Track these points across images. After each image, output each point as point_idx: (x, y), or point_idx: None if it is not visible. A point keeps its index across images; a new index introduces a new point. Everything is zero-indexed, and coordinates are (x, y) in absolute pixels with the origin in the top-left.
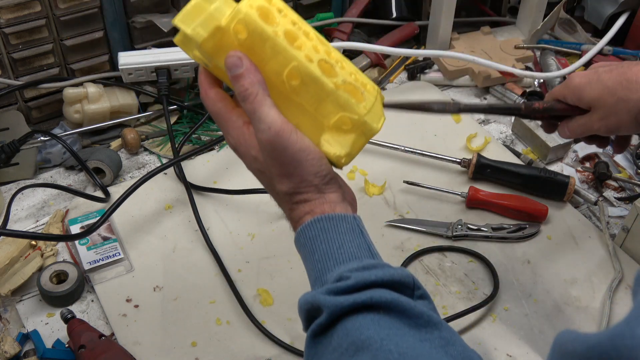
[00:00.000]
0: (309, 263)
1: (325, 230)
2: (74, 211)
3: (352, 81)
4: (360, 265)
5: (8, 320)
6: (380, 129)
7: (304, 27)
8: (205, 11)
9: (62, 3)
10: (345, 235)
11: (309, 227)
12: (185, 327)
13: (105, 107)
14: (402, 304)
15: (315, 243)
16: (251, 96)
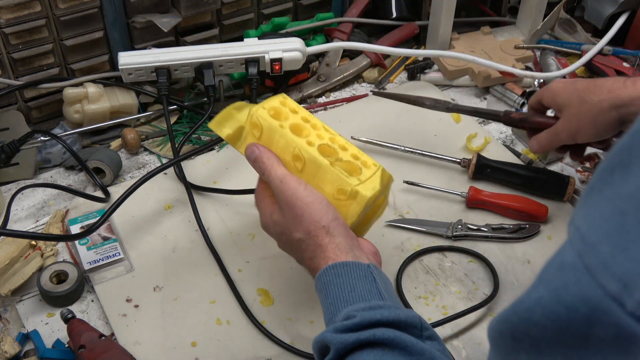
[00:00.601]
0: (324, 306)
1: (339, 275)
2: (74, 211)
3: (350, 159)
4: (367, 306)
5: (8, 320)
6: (370, 196)
7: (313, 121)
8: (233, 117)
9: (62, 3)
10: (357, 280)
11: (325, 273)
12: (185, 327)
13: (105, 107)
14: (404, 341)
15: (329, 287)
16: (267, 167)
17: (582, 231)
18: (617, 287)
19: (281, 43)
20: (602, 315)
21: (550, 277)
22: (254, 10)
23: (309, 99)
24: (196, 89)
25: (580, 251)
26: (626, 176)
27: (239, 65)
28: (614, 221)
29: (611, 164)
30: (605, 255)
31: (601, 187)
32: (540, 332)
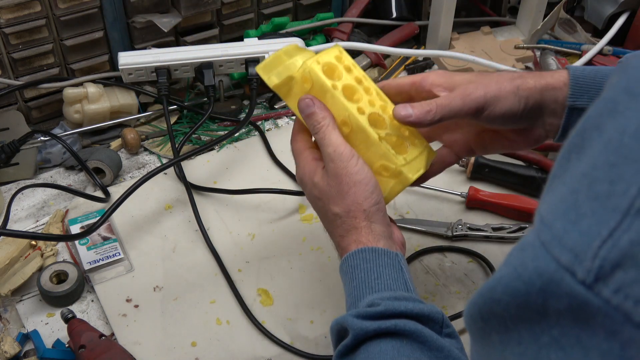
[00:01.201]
0: (347, 289)
1: (367, 260)
2: (74, 211)
3: (399, 134)
4: (392, 295)
5: (8, 320)
6: (414, 178)
7: (367, 83)
8: (282, 63)
9: (62, 3)
10: (385, 268)
11: (353, 256)
12: (185, 327)
13: (105, 107)
14: (424, 335)
15: (355, 271)
16: (322, 127)
17: (542, 214)
18: (569, 258)
19: (281, 43)
20: (556, 286)
21: (511, 258)
22: (254, 10)
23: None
24: (196, 89)
25: (538, 230)
26: (580, 157)
27: (239, 65)
28: (568, 200)
29: (567, 150)
30: (559, 230)
31: (560, 174)
32: (504, 309)
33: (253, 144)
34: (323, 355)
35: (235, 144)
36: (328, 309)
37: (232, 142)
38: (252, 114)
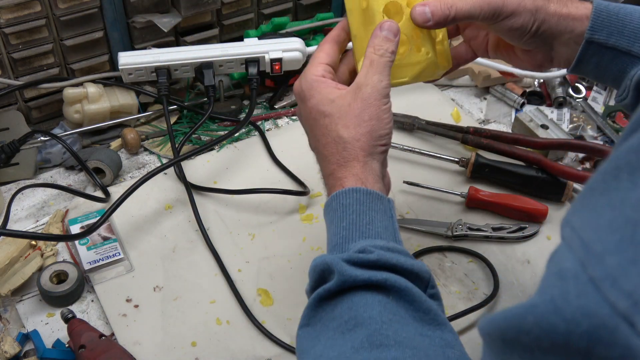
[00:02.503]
0: (334, 228)
1: (360, 202)
2: (74, 211)
3: (406, 34)
4: (385, 245)
5: (8, 320)
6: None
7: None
8: None
9: (62, 3)
10: (377, 213)
11: (346, 195)
12: (185, 327)
13: (105, 107)
14: (414, 294)
15: (346, 211)
16: (388, 56)
17: (585, 238)
18: (627, 305)
19: (281, 43)
20: (608, 333)
21: (547, 285)
22: (254, 10)
23: None
24: (196, 89)
25: (583, 260)
26: (635, 181)
27: (239, 65)
28: (623, 231)
29: (616, 166)
30: (614, 268)
31: (604, 190)
32: (534, 341)
33: (253, 144)
34: None
35: (235, 144)
36: None
37: (232, 142)
38: (252, 114)
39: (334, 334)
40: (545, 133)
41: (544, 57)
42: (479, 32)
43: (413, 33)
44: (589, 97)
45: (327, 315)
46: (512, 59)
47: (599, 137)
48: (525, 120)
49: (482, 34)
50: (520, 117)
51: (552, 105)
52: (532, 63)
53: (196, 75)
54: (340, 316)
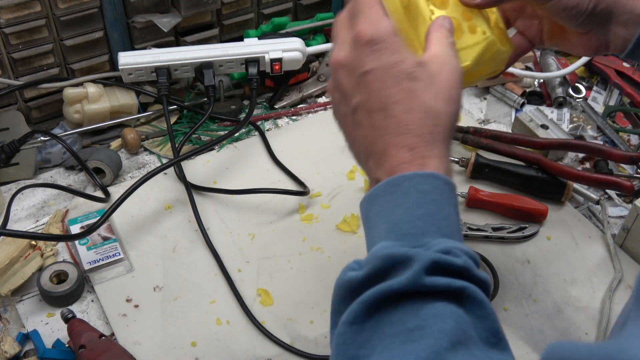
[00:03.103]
0: (402, 213)
1: (441, 192)
2: (74, 211)
3: (456, 17)
4: (468, 252)
5: (8, 320)
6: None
7: None
8: None
9: (62, 3)
10: (453, 208)
11: (425, 179)
12: (185, 327)
13: (105, 107)
14: (488, 310)
15: (424, 198)
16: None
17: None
18: None
19: (281, 43)
20: None
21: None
22: (254, 10)
23: (309, 99)
24: (196, 89)
25: None
26: None
27: (239, 65)
28: None
29: None
30: None
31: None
32: None
33: (253, 144)
34: (323, 355)
35: (235, 144)
36: (328, 309)
37: (232, 142)
38: (252, 114)
39: (391, 342)
40: (545, 133)
41: (599, 40)
42: (532, 20)
43: (463, 17)
44: (589, 97)
45: (385, 317)
46: (567, 45)
47: (599, 137)
48: (525, 120)
49: (535, 22)
50: (520, 117)
51: (552, 105)
52: (588, 47)
53: (196, 75)
54: (403, 322)
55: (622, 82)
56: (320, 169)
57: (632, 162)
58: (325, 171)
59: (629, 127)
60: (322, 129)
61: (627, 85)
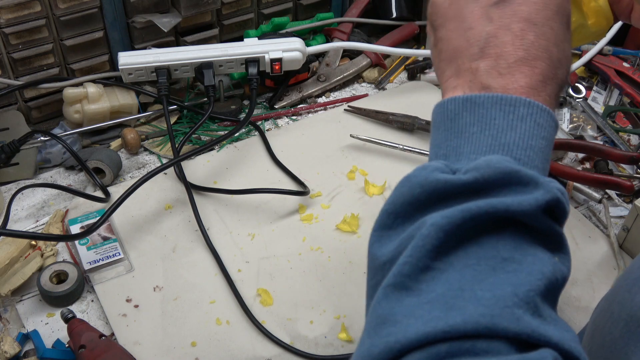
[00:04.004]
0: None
1: (552, 132)
2: (74, 211)
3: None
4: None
5: (8, 320)
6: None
7: None
8: None
9: (62, 3)
10: (551, 154)
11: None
12: (185, 327)
13: (105, 107)
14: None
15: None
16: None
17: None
18: None
19: (281, 43)
20: None
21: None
22: (254, 10)
23: (309, 99)
24: (196, 89)
25: None
26: None
27: (239, 65)
28: None
29: None
30: None
31: None
32: None
33: (253, 144)
34: (323, 355)
35: (235, 144)
36: (328, 309)
37: (232, 142)
38: (252, 114)
39: (477, 264)
40: None
41: None
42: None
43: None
44: (589, 97)
45: (477, 236)
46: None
47: (599, 137)
48: None
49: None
50: None
51: None
52: None
53: (196, 75)
54: (496, 249)
55: (622, 82)
56: (320, 169)
57: (632, 162)
58: (325, 171)
59: (629, 127)
60: (322, 129)
61: (627, 85)
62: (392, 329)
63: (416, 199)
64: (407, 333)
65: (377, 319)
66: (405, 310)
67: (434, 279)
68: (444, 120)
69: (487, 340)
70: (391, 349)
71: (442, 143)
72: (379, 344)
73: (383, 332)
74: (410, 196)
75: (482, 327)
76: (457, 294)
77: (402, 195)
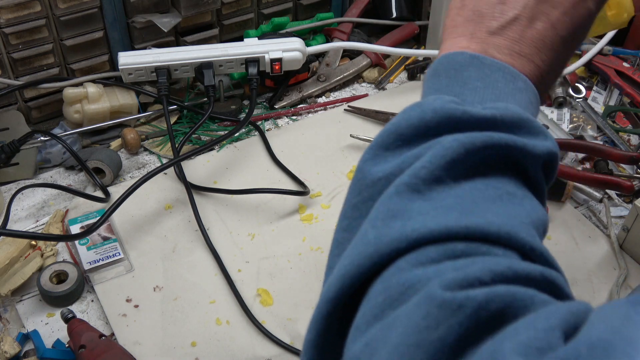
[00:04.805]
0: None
1: (536, 104)
2: (74, 211)
3: None
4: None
5: (8, 320)
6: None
7: None
8: None
9: (62, 3)
10: None
11: (527, 85)
12: (185, 327)
13: (105, 107)
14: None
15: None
16: None
17: None
18: None
19: (281, 43)
20: None
21: None
22: (254, 10)
23: (309, 99)
24: (196, 89)
25: None
26: None
27: (239, 65)
28: None
29: None
30: None
31: None
32: None
33: (253, 144)
34: None
35: (235, 144)
36: None
37: (232, 142)
38: (252, 114)
39: (486, 190)
40: None
41: None
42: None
43: None
44: (589, 97)
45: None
46: None
47: (599, 137)
48: None
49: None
50: None
51: (552, 105)
52: None
53: (196, 75)
54: (502, 183)
55: (622, 82)
56: (320, 169)
57: (632, 162)
58: (325, 171)
59: (629, 127)
60: (322, 129)
61: (627, 85)
62: (407, 221)
63: (426, 123)
64: (427, 224)
65: (387, 212)
66: (420, 209)
67: (445, 192)
68: (447, 70)
69: (503, 248)
70: (407, 238)
71: (443, 88)
72: (389, 233)
73: (395, 224)
74: (420, 120)
75: (504, 232)
76: (472, 206)
77: (410, 118)
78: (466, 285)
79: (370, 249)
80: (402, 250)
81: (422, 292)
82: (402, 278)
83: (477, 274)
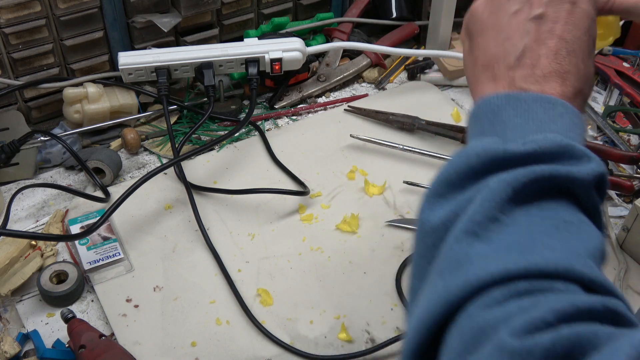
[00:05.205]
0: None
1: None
2: (74, 211)
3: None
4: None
5: (8, 320)
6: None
7: None
8: None
9: (62, 3)
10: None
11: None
12: (185, 327)
13: (105, 107)
14: None
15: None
16: None
17: None
18: None
19: (281, 43)
20: None
21: None
22: (254, 10)
23: (309, 99)
24: (196, 89)
25: None
26: None
27: (239, 65)
28: None
29: None
30: None
31: None
32: None
33: (253, 144)
34: (323, 355)
35: (235, 144)
36: (328, 309)
37: (232, 142)
38: (252, 114)
39: (542, 223)
40: None
41: None
42: None
43: None
44: None
45: (538, 199)
46: None
47: (599, 137)
48: None
49: None
50: None
51: None
52: None
53: (196, 75)
54: (556, 210)
55: (622, 82)
56: (320, 169)
57: (632, 162)
58: (325, 171)
59: (629, 127)
60: (322, 129)
61: (627, 85)
62: (469, 267)
63: (472, 167)
64: (488, 269)
65: (450, 261)
66: (480, 253)
67: (502, 231)
68: (486, 114)
69: (565, 282)
70: (472, 285)
71: (486, 131)
72: (457, 282)
73: (460, 272)
74: (466, 165)
75: (562, 268)
76: (529, 244)
77: (457, 165)
78: (533, 329)
79: (440, 298)
80: (469, 295)
81: (494, 341)
82: (473, 322)
83: (542, 315)
